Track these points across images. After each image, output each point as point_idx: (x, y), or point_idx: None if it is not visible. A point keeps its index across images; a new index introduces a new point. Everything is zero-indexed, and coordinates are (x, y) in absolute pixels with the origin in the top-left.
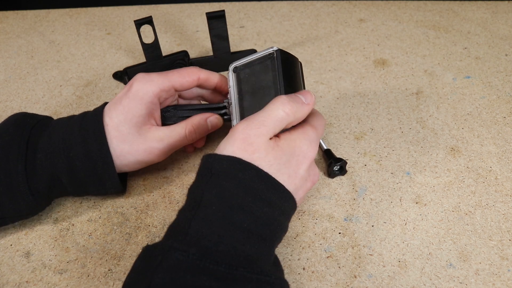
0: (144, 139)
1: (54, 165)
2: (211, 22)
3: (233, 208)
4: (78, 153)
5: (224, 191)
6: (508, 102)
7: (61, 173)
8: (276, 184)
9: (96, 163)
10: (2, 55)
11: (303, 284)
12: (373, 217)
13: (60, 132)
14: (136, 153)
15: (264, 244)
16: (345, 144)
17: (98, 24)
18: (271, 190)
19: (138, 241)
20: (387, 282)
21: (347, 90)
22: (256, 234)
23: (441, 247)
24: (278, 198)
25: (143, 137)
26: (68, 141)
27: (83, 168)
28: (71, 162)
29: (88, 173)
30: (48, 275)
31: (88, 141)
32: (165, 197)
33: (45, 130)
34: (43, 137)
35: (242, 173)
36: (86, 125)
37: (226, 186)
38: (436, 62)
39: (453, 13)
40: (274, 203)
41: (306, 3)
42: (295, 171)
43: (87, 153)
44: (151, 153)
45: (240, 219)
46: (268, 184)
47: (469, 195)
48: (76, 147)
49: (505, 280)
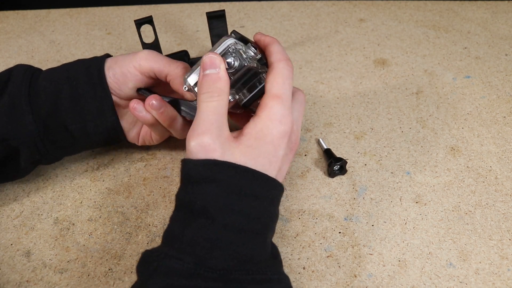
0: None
1: (57, 91)
2: (211, 22)
3: (222, 211)
4: (81, 80)
5: (208, 196)
6: (508, 101)
7: (64, 98)
8: (257, 175)
9: (96, 90)
10: (3, 55)
11: (303, 284)
12: (373, 216)
13: (62, 65)
14: (127, 72)
15: (258, 238)
16: (345, 143)
17: (98, 24)
18: (255, 183)
19: (139, 241)
20: (387, 281)
21: (347, 90)
22: (249, 231)
23: (441, 246)
24: (263, 189)
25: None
26: (72, 71)
27: (85, 95)
28: (73, 89)
29: (89, 100)
30: (49, 275)
31: (90, 70)
32: (165, 197)
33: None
34: (46, 70)
35: (220, 174)
36: (87, 60)
37: (208, 191)
38: (436, 62)
39: (453, 13)
40: (260, 195)
41: (306, 3)
42: (274, 155)
43: (88, 80)
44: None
45: (231, 220)
46: (250, 178)
47: (469, 194)
48: (79, 75)
49: (505, 279)
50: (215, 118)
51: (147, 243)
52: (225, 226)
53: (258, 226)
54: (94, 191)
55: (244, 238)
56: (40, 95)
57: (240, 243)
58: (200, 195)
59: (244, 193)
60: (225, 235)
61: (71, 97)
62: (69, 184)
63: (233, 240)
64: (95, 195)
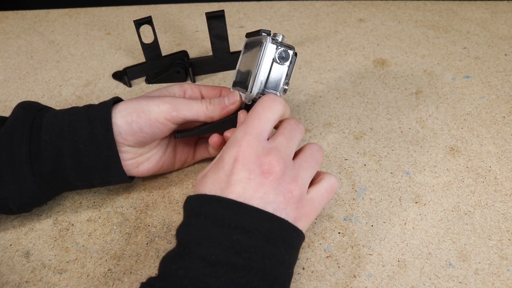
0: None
1: (58, 148)
2: (211, 22)
3: (200, 243)
4: (83, 137)
5: (191, 228)
6: (508, 102)
7: (66, 156)
8: (244, 207)
9: (101, 147)
10: (2, 55)
11: (302, 284)
12: (372, 217)
13: (66, 114)
14: (141, 127)
15: (235, 274)
16: (345, 144)
17: (98, 24)
18: (241, 216)
19: (138, 241)
20: (386, 281)
21: (346, 90)
22: (226, 264)
23: (440, 246)
24: (251, 222)
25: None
26: (74, 123)
27: (88, 152)
28: (76, 145)
29: (92, 157)
30: (48, 275)
31: (93, 124)
32: (165, 197)
33: (51, 112)
34: (48, 117)
35: (205, 207)
36: (92, 110)
37: (193, 223)
38: (435, 62)
39: (453, 13)
40: (248, 228)
41: (306, 3)
42: (228, 183)
43: (92, 137)
44: (157, 122)
45: (208, 252)
46: (235, 210)
47: (468, 194)
48: (81, 130)
49: (505, 279)
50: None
51: (147, 244)
52: (200, 257)
53: (238, 260)
54: (93, 192)
55: (220, 272)
56: (42, 153)
57: (217, 277)
58: (185, 227)
59: (229, 226)
60: (199, 266)
61: (74, 155)
62: None
63: (205, 272)
64: (94, 196)
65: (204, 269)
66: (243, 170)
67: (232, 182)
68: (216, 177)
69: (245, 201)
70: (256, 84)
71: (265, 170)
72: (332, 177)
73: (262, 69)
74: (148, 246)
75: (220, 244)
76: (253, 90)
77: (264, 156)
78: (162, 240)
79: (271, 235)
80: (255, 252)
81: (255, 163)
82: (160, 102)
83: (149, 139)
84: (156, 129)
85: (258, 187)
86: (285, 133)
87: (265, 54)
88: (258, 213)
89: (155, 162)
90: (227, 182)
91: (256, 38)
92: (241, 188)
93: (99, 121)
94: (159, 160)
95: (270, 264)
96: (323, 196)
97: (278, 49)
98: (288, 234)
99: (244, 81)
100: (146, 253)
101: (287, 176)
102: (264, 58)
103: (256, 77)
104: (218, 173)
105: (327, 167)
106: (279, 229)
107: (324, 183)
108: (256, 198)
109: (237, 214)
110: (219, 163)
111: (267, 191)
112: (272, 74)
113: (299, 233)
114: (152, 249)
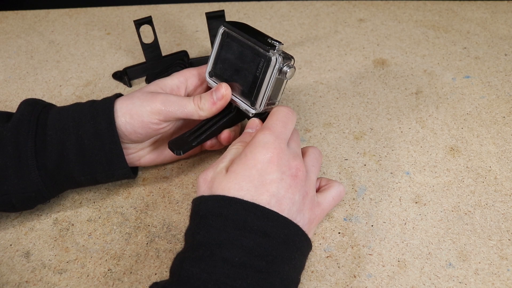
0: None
1: (63, 142)
2: (211, 22)
3: (222, 245)
4: (87, 131)
5: (211, 230)
6: (508, 102)
7: (70, 150)
8: (266, 212)
9: (104, 141)
10: (2, 55)
11: (302, 284)
12: (372, 217)
13: (70, 110)
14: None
15: (259, 276)
16: (345, 144)
17: (98, 24)
18: (262, 219)
19: (138, 241)
20: (386, 282)
21: (346, 90)
22: (250, 267)
23: (440, 246)
24: (272, 226)
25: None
26: (78, 119)
27: (91, 146)
28: (80, 140)
29: (96, 151)
30: (48, 275)
31: (97, 119)
32: (165, 197)
33: (55, 108)
34: (53, 113)
35: (226, 209)
36: (96, 105)
37: (213, 224)
38: (435, 62)
39: (453, 13)
40: (270, 232)
41: (306, 3)
42: (260, 180)
43: (95, 131)
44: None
45: (231, 254)
46: (257, 214)
47: (468, 195)
48: (85, 125)
49: (505, 279)
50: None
51: (147, 244)
52: (224, 259)
53: (261, 263)
54: (93, 192)
55: (243, 274)
56: (47, 147)
57: (238, 279)
58: (204, 228)
59: (250, 229)
60: (222, 268)
61: (78, 149)
62: None
63: (229, 274)
64: (94, 196)
65: (228, 271)
66: (277, 171)
67: (268, 181)
68: (248, 174)
69: (278, 200)
70: (264, 101)
71: (293, 173)
72: (340, 185)
73: (270, 86)
74: (148, 246)
75: (242, 246)
76: (260, 107)
77: (292, 160)
78: (162, 240)
79: (288, 241)
80: (276, 256)
81: (286, 165)
82: (153, 103)
83: (144, 138)
84: (149, 130)
85: (288, 188)
86: (295, 139)
87: (274, 73)
88: (277, 217)
89: (157, 153)
90: (261, 180)
91: (257, 48)
92: (275, 187)
93: (102, 116)
94: (162, 151)
95: (288, 268)
96: (329, 203)
97: (283, 66)
98: (301, 241)
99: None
100: (146, 253)
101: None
102: (273, 77)
103: (265, 95)
104: (250, 171)
105: (327, 167)
106: (294, 236)
107: (332, 191)
108: (287, 198)
109: (259, 217)
110: (250, 161)
111: (294, 192)
112: (275, 87)
113: (309, 241)
114: (152, 249)
